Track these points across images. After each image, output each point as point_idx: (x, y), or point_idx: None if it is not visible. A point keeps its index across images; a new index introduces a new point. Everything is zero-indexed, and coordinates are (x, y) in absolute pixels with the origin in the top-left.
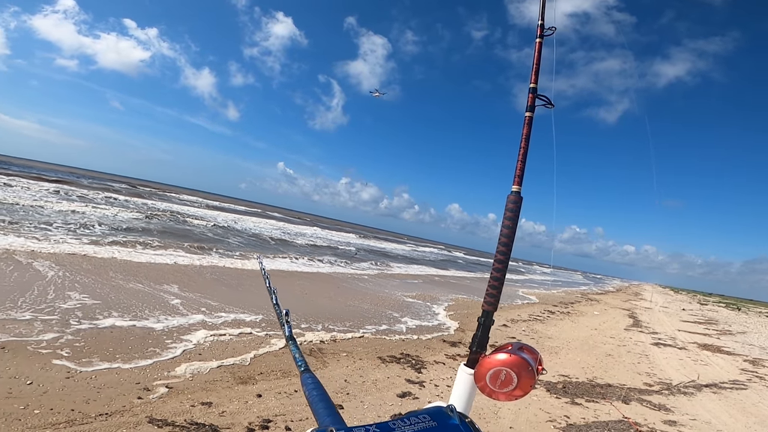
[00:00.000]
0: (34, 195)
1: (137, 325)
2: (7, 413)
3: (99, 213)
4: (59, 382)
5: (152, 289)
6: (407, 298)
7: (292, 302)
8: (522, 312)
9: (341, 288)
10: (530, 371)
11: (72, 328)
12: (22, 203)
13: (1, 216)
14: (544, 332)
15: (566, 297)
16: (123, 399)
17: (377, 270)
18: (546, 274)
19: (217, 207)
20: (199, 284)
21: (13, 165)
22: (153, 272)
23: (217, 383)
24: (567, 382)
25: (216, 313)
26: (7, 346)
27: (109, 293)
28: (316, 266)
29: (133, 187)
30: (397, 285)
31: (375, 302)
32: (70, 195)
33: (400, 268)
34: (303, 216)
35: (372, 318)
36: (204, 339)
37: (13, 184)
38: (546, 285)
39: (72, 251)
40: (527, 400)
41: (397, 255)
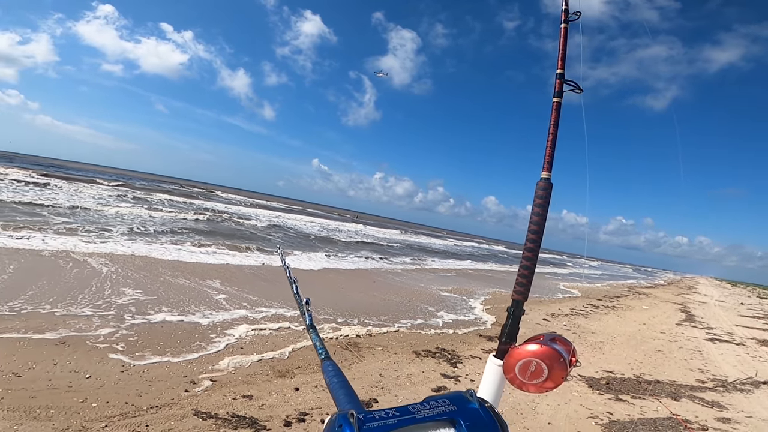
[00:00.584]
0: (91, 198)
1: (185, 320)
2: (68, 407)
3: (151, 214)
4: (115, 376)
5: (199, 286)
6: (443, 292)
7: (328, 297)
8: (563, 306)
9: (377, 283)
10: (562, 363)
11: (126, 323)
12: (81, 206)
13: (62, 218)
14: (586, 327)
15: (611, 291)
16: (171, 392)
17: (413, 264)
18: (591, 267)
19: (258, 205)
20: (241, 280)
21: (70, 169)
22: (200, 269)
23: (258, 377)
24: (611, 378)
25: (257, 308)
26: (68, 341)
27: (160, 289)
28: (352, 261)
29: (181, 188)
30: (433, 279)
31: (410, 296)
32: (124, 197)
33: (435, 262)
34: (338, 211)
35: (407, 312)
36: (245, 333)
37: (71, 187)
38: (590, 278)
39: (126, 251)
40: (567, 396)
41: (433, 249)
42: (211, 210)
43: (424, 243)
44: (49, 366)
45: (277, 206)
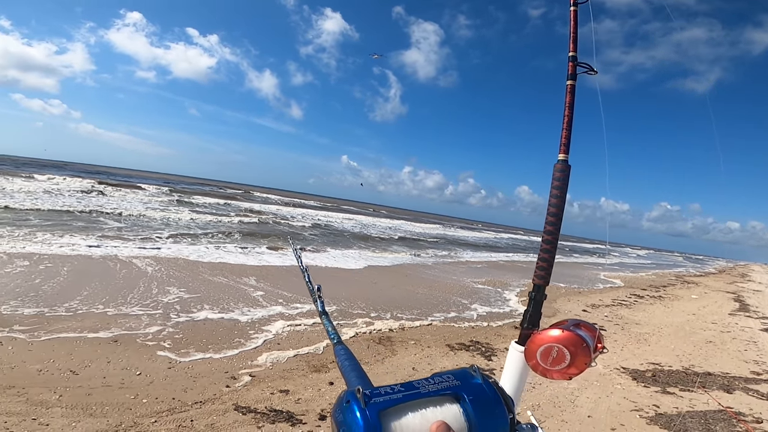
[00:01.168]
0: (138, 203)
1: (225, 317)
2: (120, 403)
3: (194, 217)
4: (162, 372)
5: (238, 284)
6: (476, 285)
7: (362, 292)
8: (604, 297)
9: (409, 276)
10: (585, 348)
11: (172, 321)
12: (129, 211)
13: (113, 223)
14: (630, 318)
15: (657, 280)
16: (214, 387)
17: (446, 257)
18: (637, 257)
19: (292, 204)
20: (277, 278)
21: (116, 175)
22: (239, 269)
23: (294, 371)
24: (658, 370)
25: (292, 304)
26: (119, 340)
27: (202, 288)
28: (384, 257)
29: (219, 189)
30: (466, 271)
31: (443, 289)
32: (168, 201)
33: (468, 254)
34: (373, 207)
35: (440, 305)
36: (282, 329)
37: (119, 193)
38: (634, 267)
39: (171, 253)
40: (609, 389)
41: (466, 242)
42: (250, 211)
43: (456, 235)
44: (103, 364)
45: (312, 204)
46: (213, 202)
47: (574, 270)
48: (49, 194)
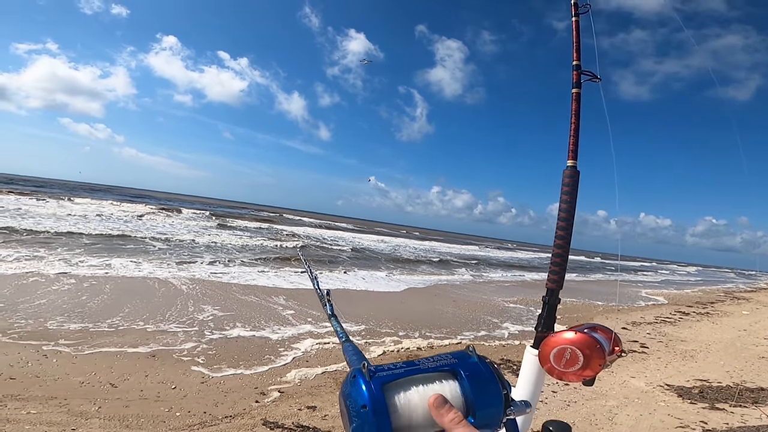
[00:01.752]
0: (180, 227)
1: (256, 334)
2: (155, 415)
3: (232, 240)
4: (196, 387)
5: (270, 304)
6: (507, 304)
7: (389, 312)
8: (646, 314)
9: (438, 296)
10: (599, 350)
11: (206, 338)
12: (170, 234)
13: (157, 245)
14: (675, 335)
15: (704, 296)
16: (244, 402)
17: (475, 276)
18: (687, 274)
19: (324, 226)
20: (307, 298)
21: (159, 199)
22: (272, 290)
23: (321, 388)
24: (705, 386)
25: (321, 323)
26: (157, 355)
27: (235, 307)
28: (413, 277)
29: (252, 212)
30: (496, 290)
31: (473, 309)
32: (205, 224)
33: (498, 273)
34: (401, 228)
35: (470, 324)
36: (311, 347)
37: (162, 217)
38: (677, 284)
39: (208, 274)
40: (651, 406)
41: (496, 261)
42: (284, 234)
43: (486, 255)
44: (141, 377)
45: (344, 226)
46: (249, 225)
47: (612, 287)
48: (99, 218)
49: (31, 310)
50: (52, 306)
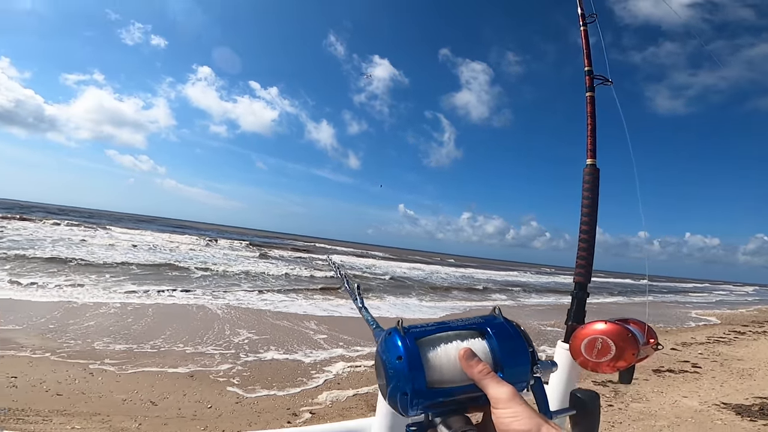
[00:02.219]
0: (220, 255)
1: (290, 357)
2: None
3: (269, 270)
4: (230, 407)
5: (302, 329)
6: (545, 327)
7: None
8: (697, 334)
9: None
10: (631, 339)
11: (241, 360)
12: (211, 263)
13: (199, 273)
14: (730, 354)
15: (761, 315)
16: (276, 423)
17: (509, 301)
18: (746, 294)
19: (357, 254)
20: (340, 324)
21: (195, 229)
22: (303, 315)
23: (352, 410)
24: (766, 404)
25: (353, 347)
26: (195, 375)
27: (269, 331)
28: (446, 304)
29: (288, 241)
30: (532, 314)
31: None
32: (241, 253)
33: (534, 297)
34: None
35: None
36: (342, 370)
37: (201, 247)
38: (730, 303)
39: (245, 301)
40: (707, 425)
41: (531, 285)
42: (319, 262)
43: (521, 280)
44: (180, 396)
45: (378, 254)
46: (283, 254)
47: (658, 309)
48: (145, 248)
49: (80, 331)
50: (100, 328)
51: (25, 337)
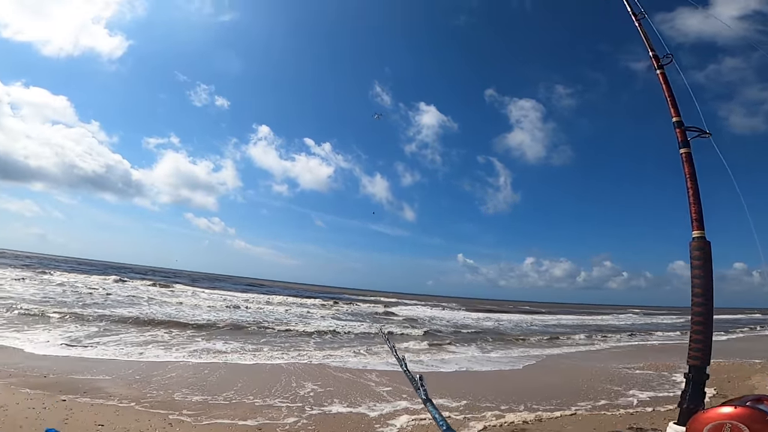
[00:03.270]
0: (292, 314)
1: (354, 410)
2: None
3: (338, 325)
4: None
5: (364, 381)
6: (632, 370)
7: (491, 386)
8: None
9: (547, 367)
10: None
11: (306, 413)
12: (283, 321)
13: (276, 329)
14: None
15: None
16: None
17: (587, 344)
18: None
19: (421, 304)
20: (401, 376)
21: (263, 287)
22: (365, 368)
23: None
24: None
25: (416, 399)
26: (263, 428)
27: (332, 383)
28: (517, 350)
29: (353, 296)
30: (614, 357)
31: (588, 378)
32: (305, 310)
33: (614, 339)
34: (511, 304)
35: (585, 394)
36: (407, 423)
37: (275, 305)
38: None
39: (314, 356)
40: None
41: (611, 326)
42: (385, 314)
43: (598, 322)
44: None
45: (447, 305)
46: (347, 308)
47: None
48: (220, 306)
49: (162, 383)
50: (179, 381)
51: (113, 386)
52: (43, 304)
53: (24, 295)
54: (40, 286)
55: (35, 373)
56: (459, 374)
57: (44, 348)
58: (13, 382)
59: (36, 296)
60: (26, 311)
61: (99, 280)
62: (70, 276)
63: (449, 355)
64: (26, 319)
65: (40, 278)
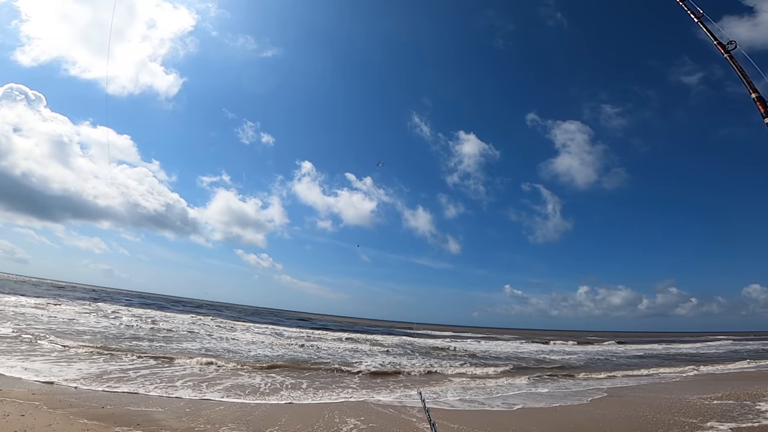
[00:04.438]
0: (331, 347)
1: None
2: None
3: (381, 359)
4: None
5: (407, 417)
6: (709, 400)
7: (550, 424)
8: None
9: (608, 399)
10: None
11: None
12: (318, 354)
13: (329, 371)
14: None
15: None
16: None
17: (653, 376)
18: None
19: (479, 338)
20: (443, 412)
21: (312, 320)
22: (403, 406)
23: None
24: None
25: None
26: None
27: (375, 419)
28: (580, 384)
29: (397, 329)
30: (689, 387)
31: (658, 410)
32: (356, 345)
33: (688, 370)
34: (557, 333)
35: (656, 427)
36: None
37: (334, 341)
38: None
39: (347, 388)
40: None
41: (680, 355)
42: (444, 350)
43: (664, 351)
44: None
45: (506, 337)
46: (401, 341)
47: None
48: (279, 341)
49: (210, 416)
50: (227, 414)
51: (165, 419)
52: (106, 338)
53: (95, 329)
54: (105, 321)
55: (94, 404)
56: (522, 412)
57: (101, 379)
58: (72, 412)
59: (102, 330)
60: (90, 344)
61: (161, 315)
62: (134, 310)
63: (512, 391)
64: (89, 350)
65: (102, 311)
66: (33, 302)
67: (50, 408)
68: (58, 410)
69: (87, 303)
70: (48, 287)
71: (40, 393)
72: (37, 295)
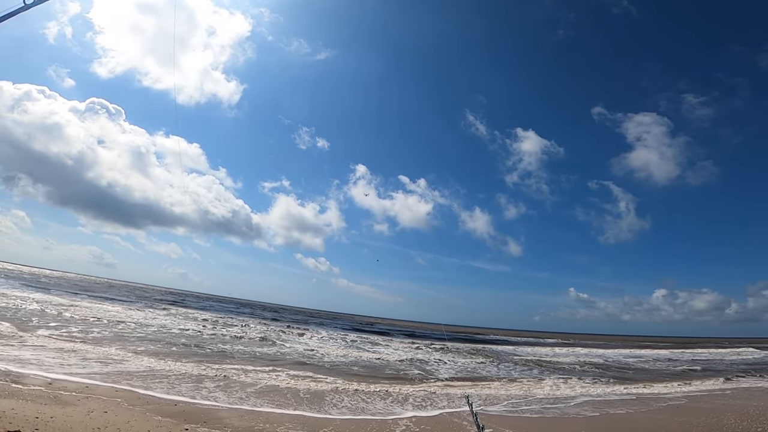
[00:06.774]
0: (399, 350)
1: None
2: None
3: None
4: None
5: (458, 421)
6: None
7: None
8: None
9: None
10: None
11: None
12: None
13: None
14: None
15: None
16: None
17: (738, 383)
18: None
19: (535, 344)
20: (491, 417)
21: (369, 324)
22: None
23: None
24: None
25: None
26: None
27: (426, 422)
28: (672, 389)
29: (460, 334)
30: None
31: (745, 419)
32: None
33: None
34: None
35: None
36: None
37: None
38: None
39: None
40: None
41: None
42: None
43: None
44: None
45: (583, 342)
46: (472, 348)
47: None
48: (347, 346)
49: (272, 419)
50: (284, 415)
51: (229, 417)
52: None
53: (173, 330)
54: (181, 323)
55: (168, 402)
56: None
57: (177, 379)
58: (150, 409)
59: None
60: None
61: (239, 320)
62: (208, 314)
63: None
64: (170, 349)
65: (178, 313)
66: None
67: (130, 405)
68: (137, 407)
69: (162, 303)
70: (136, 297)
71: (123, 391)
72: (142, 307)
